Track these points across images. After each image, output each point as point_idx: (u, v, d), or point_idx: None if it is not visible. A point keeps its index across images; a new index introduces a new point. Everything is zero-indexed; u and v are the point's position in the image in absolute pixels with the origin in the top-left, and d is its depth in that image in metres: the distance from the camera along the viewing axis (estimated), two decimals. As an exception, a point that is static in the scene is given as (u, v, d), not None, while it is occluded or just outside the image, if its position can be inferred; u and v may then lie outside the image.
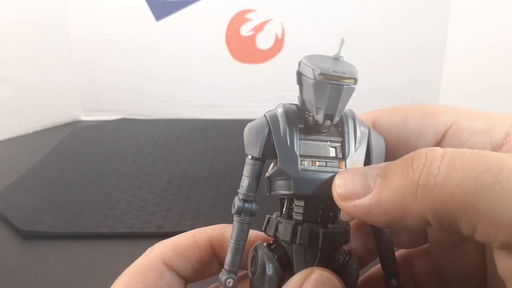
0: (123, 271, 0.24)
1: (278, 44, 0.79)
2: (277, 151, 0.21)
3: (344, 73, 0.20)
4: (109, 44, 0.79)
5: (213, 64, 0.80)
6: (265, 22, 0.78)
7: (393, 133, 0.24)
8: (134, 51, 0.80)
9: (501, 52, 0.72)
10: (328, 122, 0.21)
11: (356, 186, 0.19)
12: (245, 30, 0.79)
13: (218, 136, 0.73)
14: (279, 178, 0.22)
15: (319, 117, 0.21)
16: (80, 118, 0.83)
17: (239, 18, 0.78)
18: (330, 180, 0.21)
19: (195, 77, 0.81)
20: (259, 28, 0.78)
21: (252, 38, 0.79)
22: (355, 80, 0.20)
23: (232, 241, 0.22)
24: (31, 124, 0.76)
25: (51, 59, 0.77)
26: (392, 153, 0.23)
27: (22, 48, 0.73)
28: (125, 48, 0.80)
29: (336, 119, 0.21)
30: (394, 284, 0.23)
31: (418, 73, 0.81)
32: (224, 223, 0.25)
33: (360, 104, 0.23)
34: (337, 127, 0.22)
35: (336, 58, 0.21)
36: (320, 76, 0.20)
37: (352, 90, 0.21)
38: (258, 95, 0.80)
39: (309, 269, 0.20)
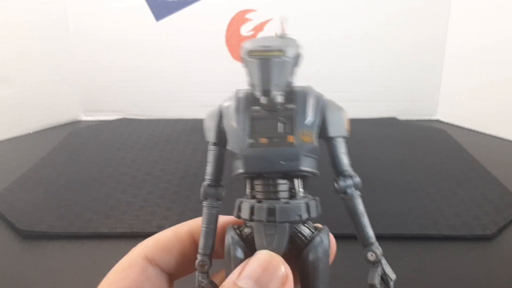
0: (110, 270, 0.24)
1: (278, 44, 0.79)
2: (226, 133, 0.23)
3: (270, 46, 0.21)
4: (109, 44, 0.79)
5: (213, 64, 0.80)
6: (265, 22, 0.78)
7: None
8: (134, 51, 0.80)
9: (501, 51, 0.72)
10: (276, 99, 0.22)
11: None
12: (245, 30, 0.79)
13: (218, 136, 0.73)
14: (233, 159, 0.22)
15: (258, 94, 0.21)
16: (80, 118, 0.83)
17: (239, 18, 0.78)
18: (278, 154, 0.21)
19: (195, 77, 0.81)
20: (259, 28, 0.78)
21: (252, 38, 0.79)
22: (283, 52, 0.21)
23: (203, 225, 0.24)
24: (31, 124, 0.76)
25: (51, 59, 0.77)
26: None
27: (22, 48, 0.73)
28: (125, 48, 0.80)
29: (274, 93, 0.21)
30: (372, 259, 0.22)
31: (418, 73, 0.81)
32: (225, 222, 0.25)
33: (360, 104, 0.23)
34: (292, 104, 0.22)
35: (282, 36, 0.22)
36: (247, 53, 0.21)
37: (284, 62, 0.21)
38: (258, 95, 0.80)
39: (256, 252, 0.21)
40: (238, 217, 0.23)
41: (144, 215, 0.50)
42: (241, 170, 0.22)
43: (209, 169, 0.24)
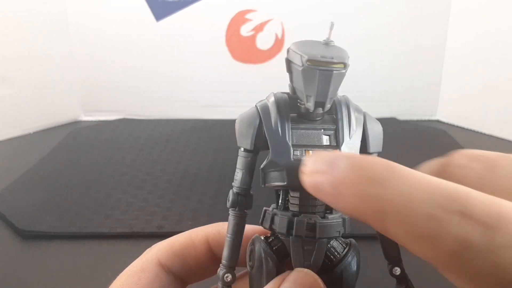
0: (122, 271, 0.24)
1: (278, 44, 0.79)
2: (269, 142, 0.21)
3: (333, 58, 0.20)
4: (109, 44, 0.79)
5: (213, 64, 0.80)
6: (265, 22, 0.78)
7: None
8: (134, 51, 0.80)
9: (501, 52, 0.72)
10: (320, 110, 0.21)
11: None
12: (245, 30, 0.79)
13: (218, 136, 0.73)
14: (273, 169, 0.21)
15: (310, 105, 0.20)
16: (80, 118, 0.83)
17: (239, 18, 0.78)
18: None
19: (195, 77, 0.81)
20: (259, 28, 0.78)
21: (252, 38, 0.79)
22: (345, 65, 0.20)
23: (229, 235, 0.22)
24: (31, 124, 0.76)
25: (51, 59, 0.77)
26: None
27: (22, 48, 0.73)
28: (125, 48, 0.80)
29: (328, 106, 0.20)
30: (397, 273, 0.22)
31: (418, 73, 0.81)
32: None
33: (360, 104, 0.23)
34: (331, 114, 0.22)
35: (327, 43, 0.21)
36: (308, 63, 0.20)
37: (342, 75, 0.20)
38: (258, 95, 0.80)
39: (288, 271, 0.20)
40: (272, 229, 0.22)
41: (144, 215, 0.50)
42: (282, 183, 0.21)
43: (239, 176, 0.22)
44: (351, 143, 0.21)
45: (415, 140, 0.72)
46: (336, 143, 0.21)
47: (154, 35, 0.79)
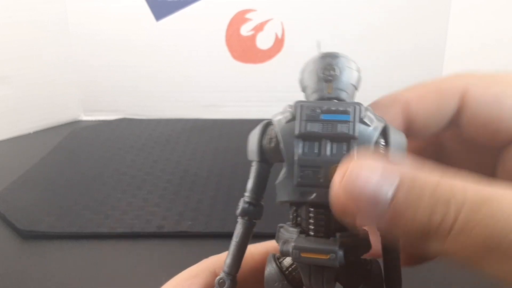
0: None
1: (278, 44, 0.79)
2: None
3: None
4: (109, 44, 0.79)
5: (213, 64, 0.80)
6: (265, 22, 0.78)
7: (484, 110, 0.21)
8: (134, 51, 0.80)
9: (501, 52, 0.72)
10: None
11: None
12: (245, 30, 0.79)
13: (218, 136, 0.73)
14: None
15: None
16: (80, 118, 0.83)
17: (239, 18, 0.78)
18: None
19: (195, 77, 0.81)
20: (259, 28, 0.78)
21: (252, 38, 0.79)
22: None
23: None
24: (31, 124, 0.76)
25: (51, 59, 0.77)
26: (481, 132, 0.21)
27: (22, 48, 0.73)
28: (125, 48, 0.80)
29: None
30: None
31: (418, 73, 0.81)
32: (224, 223, 0.25)
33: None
34: None
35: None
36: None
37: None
38: (258, 95, 0.80)
39: None
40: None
41: (144, 215, 0.50)
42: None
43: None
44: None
45: (415, 140, 0.72)
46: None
47: (154, 35, 0.79)
